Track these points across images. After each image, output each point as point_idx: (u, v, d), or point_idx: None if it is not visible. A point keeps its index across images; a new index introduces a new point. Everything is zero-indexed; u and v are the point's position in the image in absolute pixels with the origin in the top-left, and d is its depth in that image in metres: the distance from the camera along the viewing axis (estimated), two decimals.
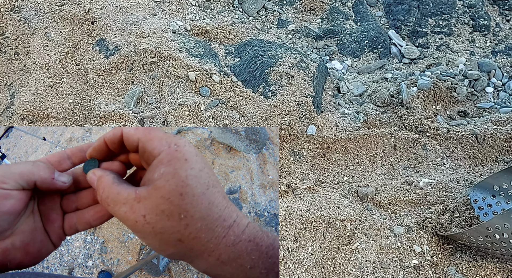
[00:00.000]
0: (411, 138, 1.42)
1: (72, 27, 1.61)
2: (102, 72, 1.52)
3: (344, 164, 1.40)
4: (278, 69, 1.49)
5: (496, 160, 1.39)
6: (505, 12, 1.86)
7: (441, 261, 1.14)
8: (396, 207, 1.26)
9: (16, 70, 1.57)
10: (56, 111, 1.49)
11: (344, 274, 1.10)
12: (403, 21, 1.86)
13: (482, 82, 1.57)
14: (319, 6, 1.89)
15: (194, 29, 1.68)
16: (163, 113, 1.41)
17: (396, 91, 1.55)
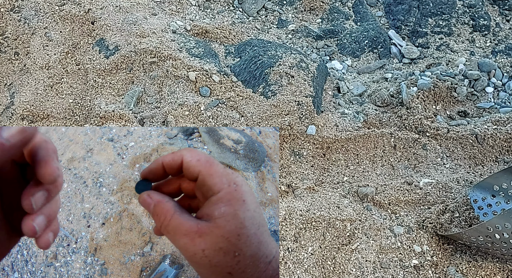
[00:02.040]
0: (411, 138, 1.42)
1: (72, 27, 1.61)
2: (102, 72, 1.52)
3: (344, 164, 1.41)
4: (278, 69, 1.49)
5: (496, 160, 1.39)
6: (505, 12, 1.86)
7: (441, 261, 1.14)
8: (396, 207, 1.26)
9: (16, 70, 1.57)
10: (56, 111, 1.49)
11: (344, 274, 1.10)
12: (403, 21, 1.86)
13: (482, 82, 1.57)
14: (319, 6, 1.89)
15: (194, 29, 1.68)
16: (163, 113, 1.41)
17: (396, 91, 1.55)
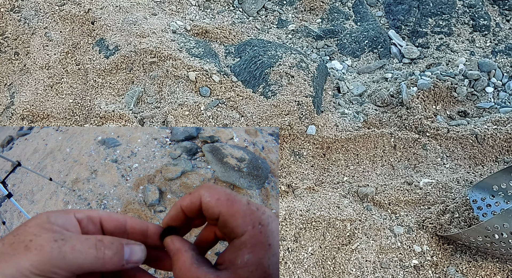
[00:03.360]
0: (411, 138, 1.42)
1: (72, 27, 1.61)
2: (102, 72, 1.52)
3: (344, 164, 1.41)
4: (278, 69, 1.49)
5: (496, 160, 1.39)
6: (505, 12, 1.86)
7: (441, 261, 1.14)
8: (396, 207, 1.27)
9: (16, 70, 1.57)
10: (56, 111, 1.49)
11: (344, 274, 1.11)
12: (403, 21, 1.86)
13: (482, 82, 1.57)
14: (319, 6, 1.89)
15: (194, 29, 1.68)
16: (163, 113, 1.41)
17: (396, 91, 1.55)
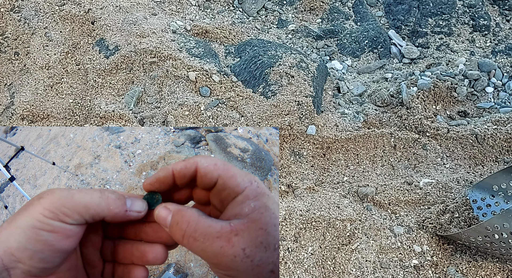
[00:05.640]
0: (411, 138, 1.42)
1: (72, 27, 1.61)
2: (102, 72, 1.52)
3: (344, 164, 1.41)
4: (278, 69, 1.49)
5: (496, 160, 1.39)
6: (505, 12, 1.86)
7: (441, 261, 1.14)
8: (396, 207, 1.27)
9: (16, 70, 1.57)
10: (56, 111, 1.49)
11: (344, 274, 1.11)
12: (403, 21, 1.86)
13: (482, 82, 1.57)
14: (319, 6, 1.89)
15: (194, 29, 1.68)
16: (163, 113, 1.41)
17: (396, 91, 1.55)
